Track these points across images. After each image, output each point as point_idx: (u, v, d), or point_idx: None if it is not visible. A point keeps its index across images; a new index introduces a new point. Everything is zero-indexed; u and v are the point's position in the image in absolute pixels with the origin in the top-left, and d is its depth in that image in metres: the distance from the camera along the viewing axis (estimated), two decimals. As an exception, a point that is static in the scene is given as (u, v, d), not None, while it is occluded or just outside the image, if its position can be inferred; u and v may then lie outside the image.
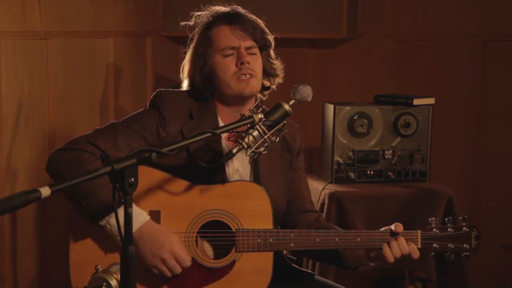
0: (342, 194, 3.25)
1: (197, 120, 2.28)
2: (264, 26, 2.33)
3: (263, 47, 2.32)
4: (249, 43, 2.27)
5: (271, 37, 2.35)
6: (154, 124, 2.24)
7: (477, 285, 3.72)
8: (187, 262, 2.11)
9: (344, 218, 3.21)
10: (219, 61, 2.27)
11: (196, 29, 2.36)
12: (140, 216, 2.08)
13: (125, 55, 3.65)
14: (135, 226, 2.05)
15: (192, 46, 2.36)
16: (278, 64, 2.38)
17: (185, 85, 2.39)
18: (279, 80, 2.38)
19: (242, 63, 2.23)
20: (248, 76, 2.24)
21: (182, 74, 2.39)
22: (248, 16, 2.31)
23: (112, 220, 2.05)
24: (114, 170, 1.61)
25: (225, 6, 2.36)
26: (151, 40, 3.81)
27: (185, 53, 2.41)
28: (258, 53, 2.30)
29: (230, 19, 2.29)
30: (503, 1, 3.89)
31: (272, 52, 2.36)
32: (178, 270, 2.10)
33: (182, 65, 2.40)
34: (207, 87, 2.31)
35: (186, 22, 2.39)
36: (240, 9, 2.34)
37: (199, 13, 2.37)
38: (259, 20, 2.33)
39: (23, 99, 3.14)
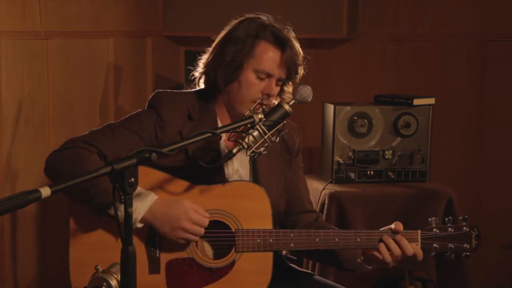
0: (342, 194, 3.25)
1: (197, 121, 2.26)
2: (301, 58, 2.26)
3: (289, 78, 2.27)
4: (283, 75, 2.23)
5: (301, 70, 2.28)
6: (152, 125, 2.23)
7: (477, 285, 3.72)
8: (206, 221, 2.11)
9: (344, 218, 3.21)
10: (251, 80, 2.21)
11: (244, 29, 2.25)
12: (148, 196, 2.09)
13: (125, 55, 3.65)
14: (146, 207, 2.07)
15: (228, 39, 2.25)
16: (289, 92, 2.30)
17: (198, 72, 2.32)
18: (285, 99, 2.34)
19: (268, 96, 2.21)
20: (263, 106, 2.17)
21: (200, 59, 2.31)
22: (296, 46, 2.23)
23: (121, 207, 2.04)
24: (114, 170, 1.61)
25: (274, 20, 2.27)
26: (151, 40, 3.82)
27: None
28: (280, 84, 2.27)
29: (283, 44, 2.21)
30: (503, 1, 3.89)
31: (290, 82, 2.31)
32: (201, 231, 2.11)
33: (207, 51, 2.30)
34: (221, 87, 2.26)
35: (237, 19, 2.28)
36: (290, 32, 2.26)
37: (250, 16, 2.28)
38: (301, 50, 2.26)
39: (23, 99, 3.14)
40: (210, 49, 2.31)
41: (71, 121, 3.37)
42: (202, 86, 2.34)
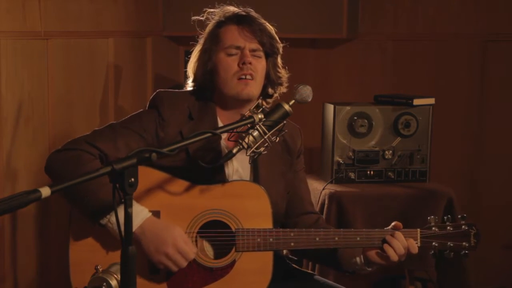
0: (342, 194, 3.25)
1: (197, 121, 2.27)
2: (274, 33, 2.32)
3: (270, 53, 2.30)
4: (255, 45, 2.27)
5: (279, 45, 2.34)
6: (153, 125, 2.24)
7: (477, 285, 3.72)
8: (191, 255, 2.10)
9: (344, 218, 3.21)
10: (222, 59, 2.26)
11: (208, 25, 2.36)
12: (141, 212, 2.08)
13: (125, 55, 3.65)
14: (137, 224, 2.05)
15: (200, 41, 2.37)
16: (283, 73, 2.36)
17: (190, 80, 2.39)
18: (283, 89, 2.37)
19: (244, 63, 2.23)
20: (248, 77, 2.24)
21: (188, 68, 2.39)
22: (259, 19, 2.31)
23: (113, 218, 2.05)
24: (114, 170, 1.61)
25: (238, 8, 2.36)
26: (151, 40, 3.82)
27: (189, 52, 2.40)
28: (263, 57, 2.29)
29: (240, 19, 2.29)
30: (503, 1, 3.89)
31: (279, 60, 2.35)
32: (183, 263, 2.10)
33: (189, 59, 2.39)
34: (208, 83, 2.31)
35: (197, 17, 2.39)
36: (252, 12, 2.34)
37: (212, 10, 2.37)
38: (270, 25, 2.33)
39: (23, 99, 3.14)
40: (192, 55, 2.38)
41: (71, 121, 3.37)
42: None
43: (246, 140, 2.05)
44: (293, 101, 2.14)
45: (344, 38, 3.83)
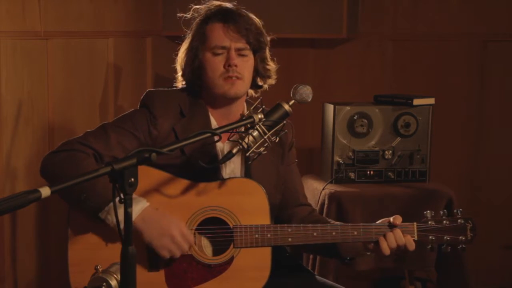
0: (342, 194, 3.25)
1: (189, 118, 2.29)
2: (260, 27, 2.31)
3: (257, 49, 2.30)
4: (241, 44, 2.26)
5: (266, 38, 2.33)
6: (145, 123, 2.25)
7: (477, 285, 3.72)
8: (192, 238, 2.12)
9: (344, 218, 3.21)
10: (209, 59, 2.27)
11: (194, 22, 2.35)
12: (140, 202, 2.09)
13: (125, 55, 3.65)
14: (136, 212, 2.06)
15: (187, 38, 2.36)
16: (272, 66, 2.36)
17: (179, 74, 2.39)
18: (271, 81, 2.38)
19: (229, 66, 2.23)
20: (234, 78, 2.24)
21: (177, 63, 2.39)
22: (245, 15, 2.29)
23: (112, 211, 2.05)
24: (114, 170, 1.61)
25: (223, 1, 2.36)
26: (151, 40, 3.82)
27: (181, 44, 2.40)
28: (250, 55, 2.29)
29: (226, 17, 2.28)
30: (503, 1, 3.90)
31: (267, 53, 2.35)
32: (185, 248, 2.11)
33: (177, 56, 2.39)
34: (196, 81, 2.32)
35: (183, 14, 2.39)
36: (238, 7, 2.33)
37: (197, 6, 2.37)
38: (256, 20, 2.32)
39: (23, 99, 3.14)
40: (180, 52, 2.38)
41: (71, 121, 3.37)
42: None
43: (246, 140, 2.05)
44: (293, 101, 2.15)
45: (344, 38, 3.83)
